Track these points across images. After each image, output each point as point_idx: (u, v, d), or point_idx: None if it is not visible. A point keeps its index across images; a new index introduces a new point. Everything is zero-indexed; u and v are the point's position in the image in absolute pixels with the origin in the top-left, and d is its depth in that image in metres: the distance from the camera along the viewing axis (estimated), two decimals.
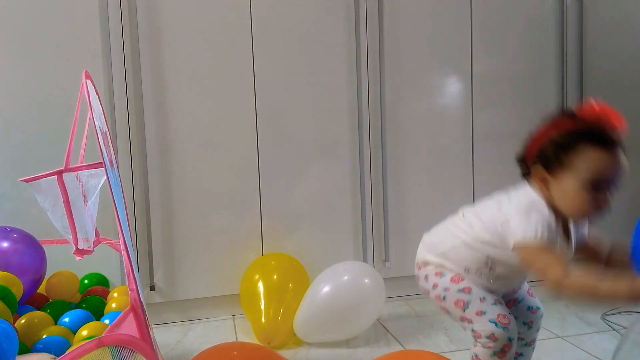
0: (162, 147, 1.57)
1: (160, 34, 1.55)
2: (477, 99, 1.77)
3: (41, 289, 1.42)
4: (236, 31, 1.60)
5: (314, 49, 1.65)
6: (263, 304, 1.44)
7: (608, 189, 0.89)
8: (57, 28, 1.49)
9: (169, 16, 1.55)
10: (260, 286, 1.48)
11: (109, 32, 1.51)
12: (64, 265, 1.43)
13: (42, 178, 1.17)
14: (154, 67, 1.55)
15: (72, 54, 1.50)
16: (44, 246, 1.37)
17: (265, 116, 1.63)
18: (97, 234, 1.30)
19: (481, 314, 0.94)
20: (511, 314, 0.96)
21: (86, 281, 1.52)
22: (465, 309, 0.96)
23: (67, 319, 1.24)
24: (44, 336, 1.15)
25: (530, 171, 0.96)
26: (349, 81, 1.68)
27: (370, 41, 1.69)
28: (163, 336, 1.52)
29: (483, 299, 0.95)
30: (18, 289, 1.23)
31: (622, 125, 0.90)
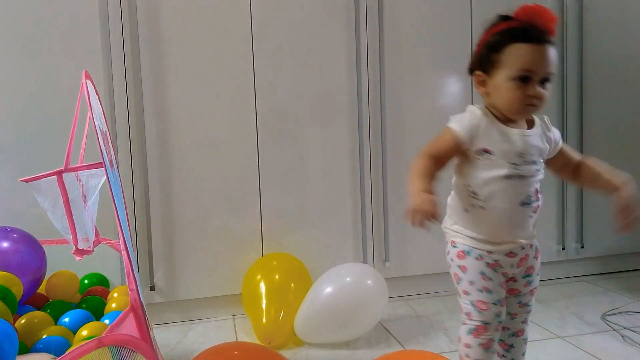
0: (162, 147, 1.57)
1: (160, 34, 1.55)
2: (477, 99, 1.77)
3: (41, 289, 1.42)
4: (236, 31, 1.60)
5: (314, 49, 1.66)
6: (264, 303, 1.44)
7: (537, 82, 0.94)
8: (57, 28, 1.49)
9: (169, 16, 1.55)
10: (262, 286, 1.48)
11: (109, 32, 1.51)
12: (64, 265, 1.43)
13: (42, 178, 1.17)
14: (154, 67, 1.55)
15: (72, 54, 1.50)
16: (44, 246, 1.37)
17: (265, 116, 1.63)
18: (97, 234, 1.30)
19: (466, 293, 1.01)
20: (499, 303, 1.00)
21: (86, 281, 1.53)
22: (458, 283, 1.03)
23: (67, 319, 1.24)
24: (44, 336, 1.15)
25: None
26: (349, 81, 1.68)
27: (370, 41, 1.69)
28: (163, 336, 1.52)
29: (472, 282, 1.01)
30: (18, 289, 1.23)
31: (550, 21, 0.95)
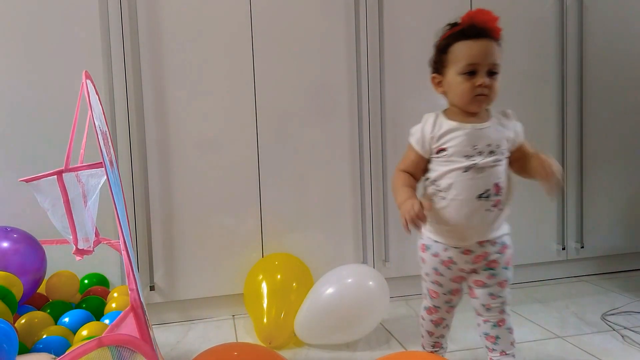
0: (162, 147, 1.57)
1: (161, 34, 1.55)
2: None
3: (41, 289, 1.42)
4: (236, 31, 1.60)
5: (314, 49, 1.66)
6: (265, 304, 1.44)
7: (484, 73, 1.03)
8: (57, 28, 1.49)
9: (169, 16, 1.55)
10: (264, 286, 1.48)
11: (109, 32, 1.51)
12: (64, 265, 1.43)
13: (42, 178, 1.17)
14: (154, 67, 1.55)
15: (72, 54, 1.50)
16: (44, 246, 1.37)
17: (265, 116, 1.63)
18: (97, 234, 1.29)
19: (423, 280, 1.17)
20: (450, 293, 1.14)
21: (86, 281, 1.53)
22: (421, 269, 1.17)
23: (67, 319, 1.25)
24: (44, 336, 1.15)
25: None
26: (349, 81, 1.68)
27: (370, 41, 1.69)
28: (163, 336, 1.52)
29: (427, 274, 1.15)
30: (18, 289, 1.23)
31: (490, 21, 1.06)
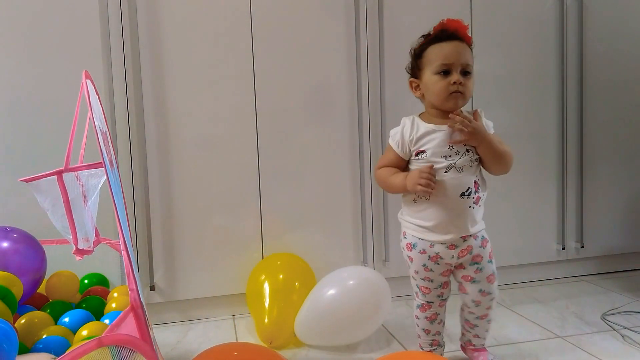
0: (162, 147, 1.57)
1: (161, 33, 1.55)
2: (477, 99, 1.77)
3: (41, 289, 1.42)
4: (236, 31, 1.60)
5: (314, 49, 1.66)
6: (267, 304, 1.44)
7: (457, 71, 1.10)
8: (57, 28, 1.49)
9: (169, 16, 1.55)
10: (266, 286, 1.48)
11: (109, 32, 1.51)
12: (64, 265, 1.43)
13: (42, 178, 1.17)
14: (154, 67, 1.55)
15: (72, 54, 1.50)
16: (44, 246, 1.37)
17: (265, 116, 1.63)
18: (97, 234, 1.29)
19: (413, 278, 1.21)
20: (441, 287, 1.19)
21: (86, 281, 1.53)
22: (408, 268, 1.22)
23: (67, 319, 1.24)
24: (44, 336, 1.15)
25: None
26: (349, 81, 1.68)
27: (370, 41, 1.69)
28: (163, 336, 1.52)
29: (416, 271, 1.19)
30: (18, 289, 1.23)
31: (460, 28, 1.12)
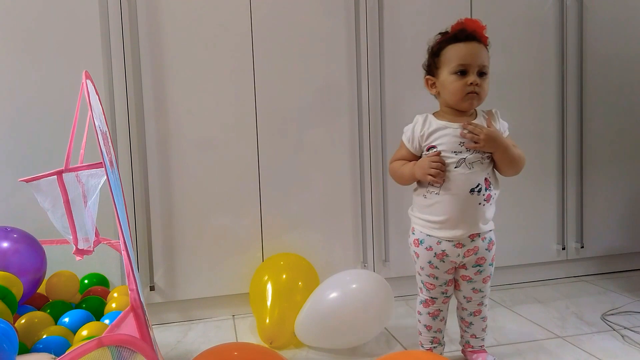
0: (162, 147, 1.57)
1: (161, 34, 1.55)
2: None
3: (41, 289, 1.43)
4: (236, 31, 1.60)
5: (314, 49, 1.66)
6: (269, 303, 1.44)
7: (474, 73, 1.13)
8: (57, 28, 1.49)
9: (169, 16, 1.55)
10: (269, 286, 1.48)
11: (109, 32, 1.51)
12: (64, 265, 1.43)
13: (42, 178, 1.17)
14: (154, 67, 1.55)
15: (72, 54, 1.50)
16: (44, 246, 1.37)
17: (265, 116, 1.63)
18: (97, 234, 1.29)
19: (418, 274, 1.23)
20: (445, 284, 1.20)
21: (86, 281, 1.53)
22: (414, 263, 1.23)
23: (67, 319, 1.25)
24: (44, 336, 1.15)
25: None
26: (349, 81, 1.68)
27: (370, 41, 1.69)
28: (163, 336, 1.52)
29: (422, 267, 1.20)
30: (18, 289, 1.23)
31: (478, 28, 1.15)
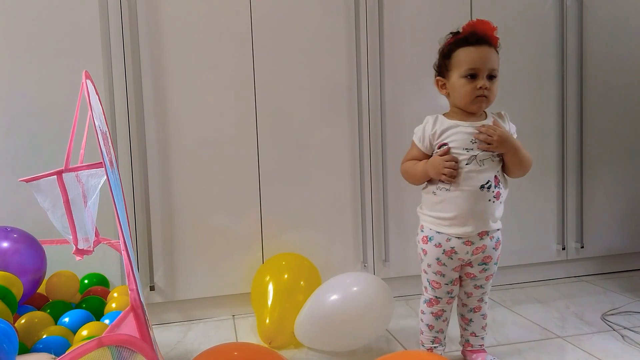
0: (162, 147, 1.57)
1: (161, 34, 1.55)
2: None
3: (41, 289, 1.43)
4: (236, 31, 1.60)
5: (314, 49, 1.66)
6: (270, 303, 1.44)
7: (484, 77, 1.14)
8: (57, 28, 1.49)
9: (169, 16, 1.55)
10: (270, 286, 1.48)
11: (109, 32, 1.51)
12: (64, 265, 1.43)
13: (42, 178, 1.17)
14: (154, 67, 1.55)
15: (72, 54, 1.50)
16: (44, 246, 1.37)
17: (265, 116, 1.63)
18: (97, 234, 1.30)
19: (425, 272, 1.23)
20: (451, 283, 1.20)
21: (86, 281, 1.53)
22: (421, 261, 1.24)
23: (67, 319, 1.25)
24: (44, 336, 1.15)
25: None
26: (349, 81, 1.68)
27: (370, 41, 1.69)
28: (163, 336, 1.52)
29: (429, 265, 1.20)
30: (18, 289, 1.23)
31: (489, 29, 1.15)
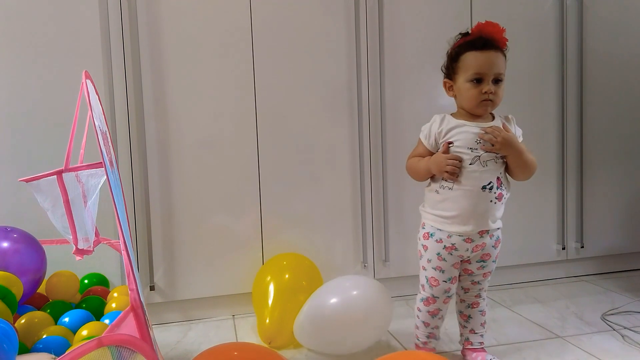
0: (162, 147, 1.57)
1: (161, 33, 1.55)
2: None
3: (41, 289, 1.43)
4: (236, 31, 1.60)
5: (314, 49, 1.66)
6: (271, 303, 1.44)
7: (490, 81, 1.15)
8: (57, 28, 1.49)
9: (169, 16, 1.55)
10: (271, 286, 1.48)
11: (109, 32, 1.51)
12: (64, 265, 1.43)
13: (42, 178, 1.17)
14: (154, 67, 1.55)
15: (72, 54, 1.50)
16: (44, 246, 1.37)
17: (265, 116, 1.63)
18: (97, 234, 1.29)
19: (423, 269, 1.24)
20: (449, 281, 1.21)
21: (86, 281, 1.53)
22: (420, 259, 1.25)
23: (67, 319, 1.25)
24: (44, 336, 1.15)
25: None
26: (349, 81, 1.68)
27: (370, 41, 1.69)
28: (163, 336, 1.52)
29: (429, 260, 1.22)
30: (18, 289, 1.23)
31: (497, 33, 1.16)
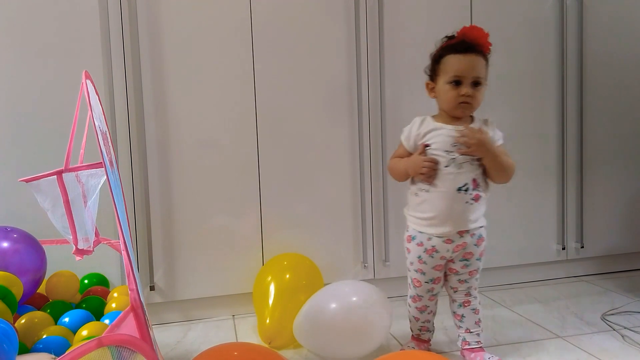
0: (162, 147, 1.57)
1: (161, 33, 1.55)
2: None
3: (41, 289, 1.43)
4: (236, 31, 1.60)
5: (314, 49, 1.66)
6: (271, 303, 1.44)
7: (468, 84, 1.17)
8: (57, 28, 1.49)
9: (169, 16, 1.55)
10: (272, 286, 1.48)
11: (109, 32, 1.51)
12: (64, 265, 1.43)
13: (42, 178, 1.17)
14: (154, 67, 1.55)
15: (72, 54, 1.50)
16: (44, 246, 1.37)
17: (265, 116, 1.63)
18: (97, 234, 1.29)
19: (408, 270, 1.29)
20: (432, 282, 1.26)
21: (86, 281, 1.53)
22: (406, 259, 1.29)
23: (67, 319, 1.25)
24: (44, 336, 1.15)
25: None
26: (349, 81, 1.68)
27: (370, 41, 1.69)
28: (163, 336, 1.52)
29: (411, 263, 1.26)
30: (18, 289, 1.23)
31: (480, 37, 1.19)
